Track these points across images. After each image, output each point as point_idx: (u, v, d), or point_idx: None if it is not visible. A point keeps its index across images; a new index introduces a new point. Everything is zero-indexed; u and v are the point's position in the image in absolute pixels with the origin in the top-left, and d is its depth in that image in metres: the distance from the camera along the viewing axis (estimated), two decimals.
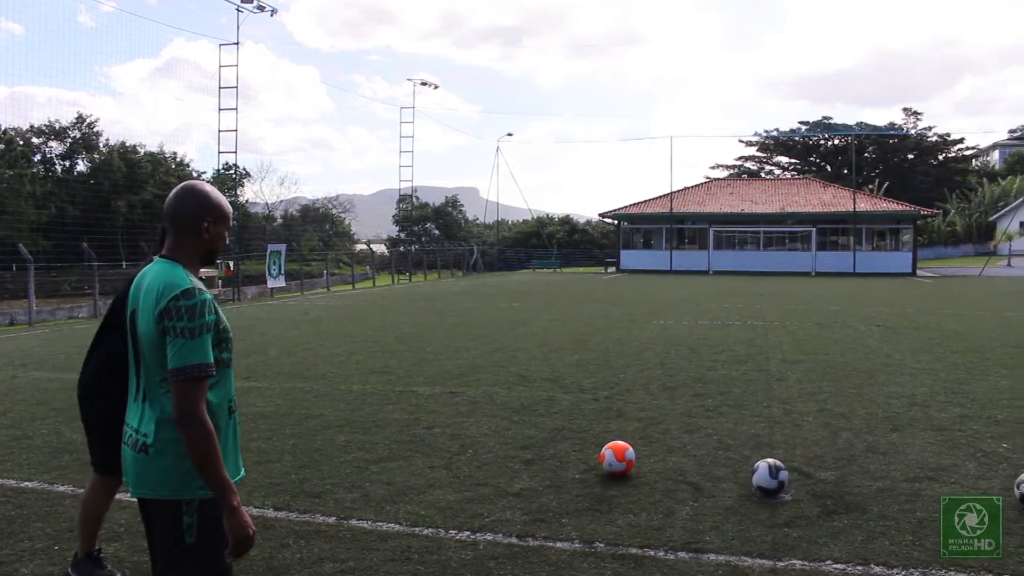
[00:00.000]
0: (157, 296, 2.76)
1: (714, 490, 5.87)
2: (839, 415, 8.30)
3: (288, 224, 67.24)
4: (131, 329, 2.90)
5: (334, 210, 75.35)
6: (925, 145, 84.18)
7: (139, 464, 2.81)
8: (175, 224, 2.91)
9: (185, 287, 2.76)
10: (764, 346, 13.75)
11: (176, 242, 2.91)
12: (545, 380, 10.54)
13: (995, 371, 11.05)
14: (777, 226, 50.53)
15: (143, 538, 4.05)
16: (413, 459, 6.74)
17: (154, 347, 2.78)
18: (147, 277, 2.88)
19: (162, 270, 2.84)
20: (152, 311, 2.77)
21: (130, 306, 2.94)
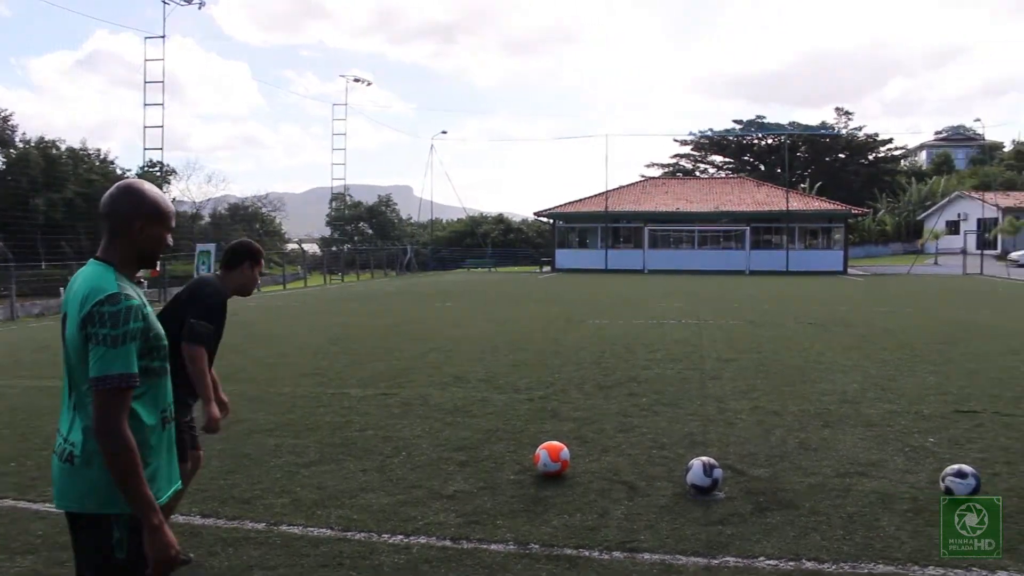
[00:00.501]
0: (82, 301, 2.65)
1: (648, 489, 5.93)
2: (772, 412, 8.45)
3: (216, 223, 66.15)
4: (61, 334, 2.78)
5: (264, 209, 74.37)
6: (855, 145, 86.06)
7: (65, 475, 2.69)
8: (109, 224, 2.80)
9: (110, 292, 2.64)
10: (698, 345, 13.93)
11: (109, 243, 2.79)
12: (479, 381, 10.54)
13: (923, 368, 11.35)
14: (711, 225, 51.18)
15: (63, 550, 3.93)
16: (345, 462, 6.69)
17: (79, 354, 2.66)
18: (78, 280, 2.77)
19: (92, 273, 2.74)
20: (77, 316, 2.66)
21: (62, 309, 2.82)
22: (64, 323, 2.77)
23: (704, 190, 57.74)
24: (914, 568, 4.52)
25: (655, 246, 51.12)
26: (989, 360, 12.03)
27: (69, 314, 2.73)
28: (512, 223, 73.44)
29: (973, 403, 8.85)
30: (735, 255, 49.87)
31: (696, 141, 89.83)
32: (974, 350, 13.15)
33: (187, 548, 4.85)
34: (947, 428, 7.75)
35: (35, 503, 5.74)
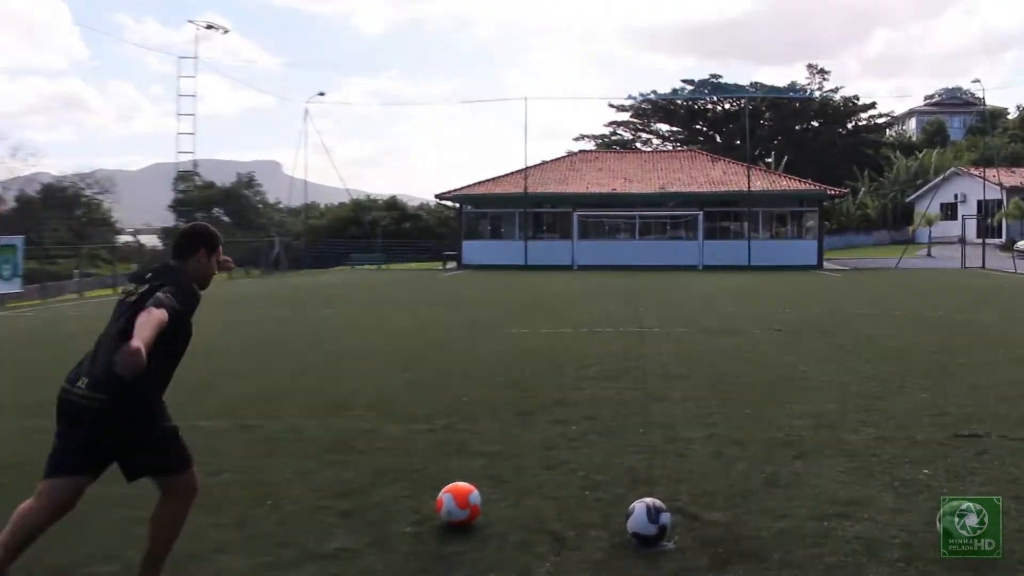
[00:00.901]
0: None
1: (580, 540, 5.94)
2: (732, 442, 8.55)
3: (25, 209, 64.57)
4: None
5: (89, 191, 72.78)
6: (831, 111, 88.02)
7: None
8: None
9: None
10: (641, 358, 14.06)
11: None
12: (367, 407, 10.47)
13: (914, 383, 11.63)
14: (656, 209, 51.77)
15: None
16: (193, 516, 6.53)
17: None
18: None
19: None
20: None
21: None
22: None
23: (647, 166, 58.37)
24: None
25: (586, 236, 51.53)
26: (994, 372, 12.39)
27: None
28: (408, 208, 73.39)
29: (975, 425, 9.08)
30: (685, 247, 50.56)
31: (637, 106, 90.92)
32: (976, 360, 13.53)
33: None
34: (944, 456, 7.93)
35: None
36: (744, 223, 51.39)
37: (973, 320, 19.92)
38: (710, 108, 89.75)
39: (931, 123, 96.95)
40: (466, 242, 53.22)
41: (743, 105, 75.74)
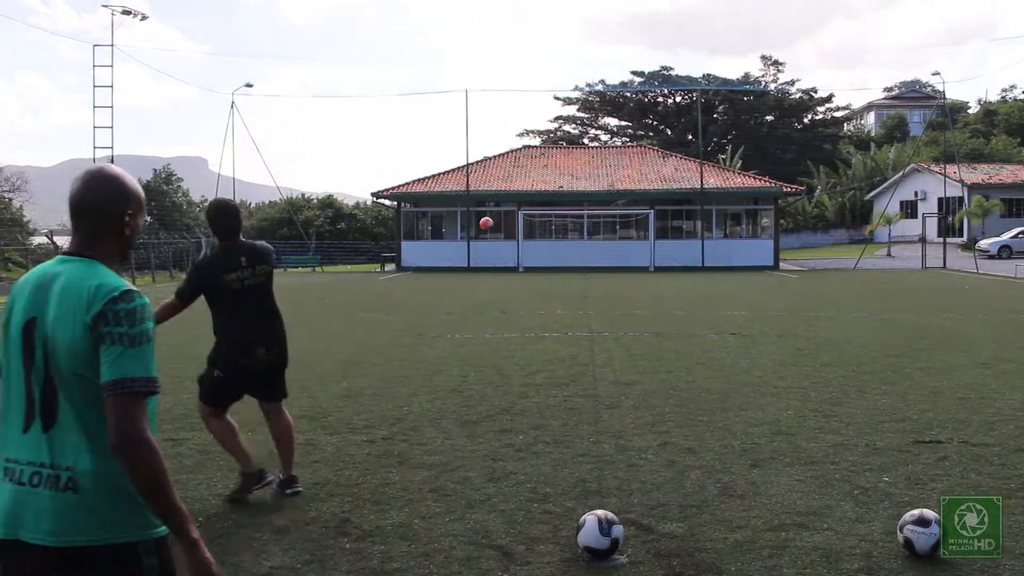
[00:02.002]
0: (88, 299, 2.91)
1: (528, 555, 5.97)
2: (686, 450, 8.62)
3: None
4: (26, 341, 2.99)
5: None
6: (787, 105, 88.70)
7: (66, 506, 2.87)
8: (91, 217, 3.08)
9: (124, 288, 2.96)
10: (590, 364, 14.11)
11: (92, 237, 3.07)
12: (301, 417, 10.39)
13: (873, 387, 11.78)
14: (605, 208, 51.88)
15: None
16: None
17: (80, 360, 2.91)
18: (58, 279, 3.01)
19: (81, 270, 3.00)
20: (79, 316, 2.90)
21: (22, 315, 3.03)
22: (29, 329, 2.99)
23: (595, 163, 58.44)
24: None
25: (532, 236, 51.56)
26: (955, 376, 12.57)
27: (53, 317, 2.95)
28: (344, 207, 73.01)
29: (936, 431, 9.24)
30: (636, 247, 50.68)
31: (584, 99, 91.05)
32: (937, 364, 13.72)
33: None
34: (905, 464, 8.05)
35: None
36: (697, 222, 51.65)
37: (934, 322, 20.18)
38: (661, 101, 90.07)
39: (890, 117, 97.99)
40: (405, 243, 53.03)
41: (695, 98, 76.26)
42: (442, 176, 55.01)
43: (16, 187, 74.00)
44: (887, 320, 20.80)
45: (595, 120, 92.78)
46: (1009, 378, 12.43)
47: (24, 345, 3.01)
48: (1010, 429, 9.32)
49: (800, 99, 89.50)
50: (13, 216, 70.89)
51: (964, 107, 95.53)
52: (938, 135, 78.30)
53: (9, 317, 3.10)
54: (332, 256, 60.91)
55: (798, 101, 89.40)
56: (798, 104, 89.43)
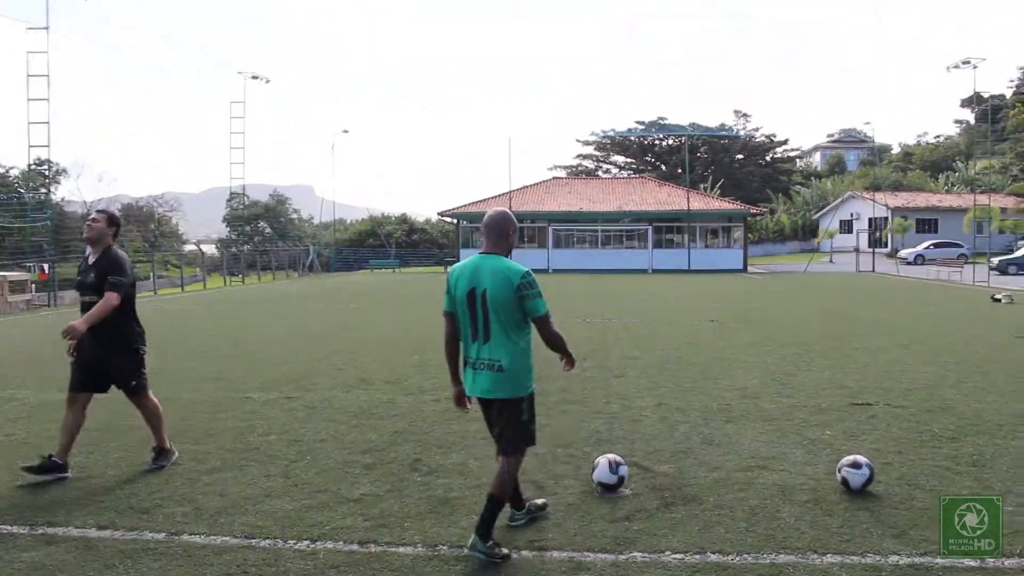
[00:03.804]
0: (511, 276, 4.74)
1: (556, 488, 5.98)
2: (676, 409, 8.61)
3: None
4: (475, 300, 4.80)
5: (160, 209, 72.54)
6: (753, 145, 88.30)
7: (495, 379, 4.82)
8: (495, 232, 4.90)
9: (525, 270, 4.78)
10: (603, 344, 14.10)
11: (492, 243, 4.90)
12: (384, 382, 10.47)
13: (819, 362, 11.71)
14: (614, 225, 51.81)
15: None
16: (248, 468, 6.57)
17: (507, 307, 4.75)
18: (484, 265, 4.82)
19: (499, 261, 4.83)
20: (510, 284, 4.73)
21: (468, 287, 4.82)
22: (477, 294, 4.79)
23: (607, 190, 58.42)
24: (813, 556, 4.66)
25: (559, 245, 51.52)
26: (881, 355, 12.47)
27: (491, 286, 4.75)
28: (416, 223, 73.16)
29: (867, 396, 9.18)
30: (638, 254, 50.59)
31: (599, 142, 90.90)
32: (867, 345, 13.61)
33: (81, 563, 4.71)
34: (843, 420, 8.01)
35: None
36: (685, 235, 51.37)
37: (866, 313, 20.02)
38: (657, 143, 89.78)
39: (832, 156, 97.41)
40: (463, 250, 53.00)
41: (683, 142, 75.89)
42: (491, 200, 55.00)
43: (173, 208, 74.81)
44: (829, 311, 20.65)
45: (607, 157, 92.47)
46: (923, 356, 12.31)
47: (469, 302, 4.82)
48: (923, 395, 9.24)
49: (762, 142, 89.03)
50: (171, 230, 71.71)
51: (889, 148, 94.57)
52: (868, 170, 77.93)
53: (456, 286, 4.89)
54: (407, 261, 61.09)
55: (761, 143, 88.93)
56: (761, 146, 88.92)
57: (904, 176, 78.82)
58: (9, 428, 8.15)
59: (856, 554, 4.68)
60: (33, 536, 5.13)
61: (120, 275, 6.41)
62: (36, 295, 29.87)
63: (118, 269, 6.43)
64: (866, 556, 4.65)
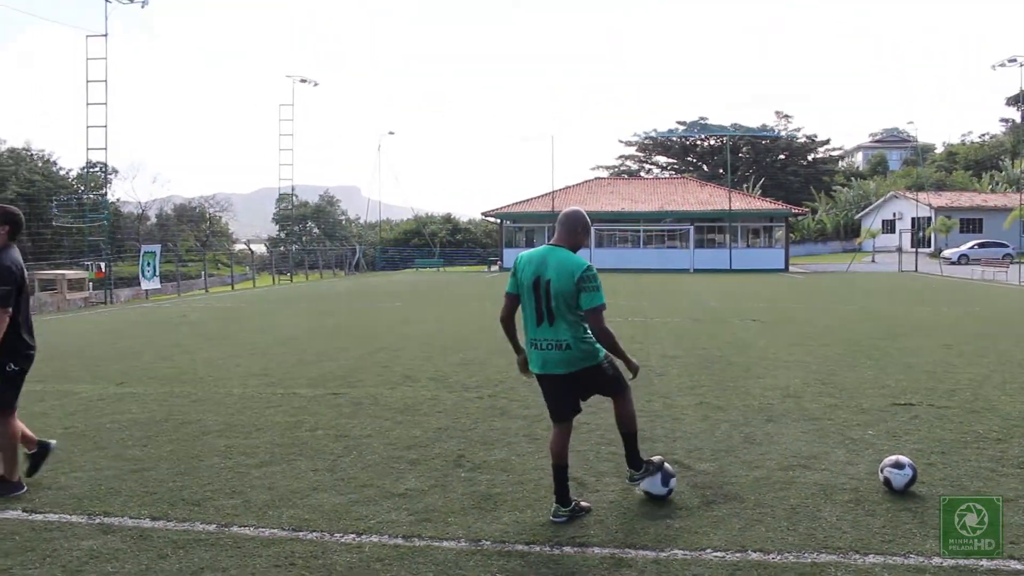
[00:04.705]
0: (574, 268, 5.04)
1: (598, 485, 5.97)
2: (717, 408, 8.54)
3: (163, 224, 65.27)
4: (539, 288, 5.12)
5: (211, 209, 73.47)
6: (795, 146, 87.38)
7: (563, 356, 5.16)
8: (567, 228, 5.26)
9: (587, 264, 5.08)
10: (645, 342, 14.03)
11: (562, 237, 5.24)
12: (429, 379, 10.51)
13: (862, 362, 11.55)
14: (656, 224, 51.60)
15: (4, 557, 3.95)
16: (296, 462, 6.63)
17: (567, 295, 5.04)
18: (550, 257, 5.15)
19: (565, 254, 5.15)
20: (572, 276, 5.02)
21: (532, 275, 5.16)
22: (542, 283, 5.11)
23: (649, 190, 58.22)
24: (855, 556, 4.60)
25: (601, 245, 51.38)
26: (924, 354, 12.29)
27: (554, 277, 5.07)
28: (459, 223, 73.31)
29: (909, 396, 9.04)
30: (679, 254, 50.35)
31: (641, 143, 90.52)
32: (910, 345, 13.42)
33: (135, 552, 4.79)
34: (885, 421, 7.90)
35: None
36: (726, 235, 51.02)
37: (908, 313, 19.74)
38: (699, 144, 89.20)
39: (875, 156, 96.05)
40: (506, 249, 53.10)
41: (725, 142, 75.32)
42: (534, 200, 55.07)
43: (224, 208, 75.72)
44: (872, 311, 20.38)
45: (649, 158, 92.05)
46: (966, 357, 12.11)
47: (535, 289, 5.14)
48: (967, 395, 9.08)
49: (805, 142, 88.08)
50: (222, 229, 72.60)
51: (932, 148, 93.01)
52: (911, 169, 76.74)
53: (522, 274, 5.23)
54: (452, 259, 61.27)
55: (803, 144, 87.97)
56: (803, 146, 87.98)
57: (948, 175, 77.53)
58: (68, 421, 8.30)
59: (899, 555, 4.61)
60: (91, 525, 5.23)
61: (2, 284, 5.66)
62: (93, 293, 30.43)
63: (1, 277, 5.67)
64: (909, 557, 4.58)
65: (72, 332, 18.02)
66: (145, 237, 52.00)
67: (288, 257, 50.82)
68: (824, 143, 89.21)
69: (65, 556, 4.71)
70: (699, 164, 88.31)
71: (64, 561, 4.65)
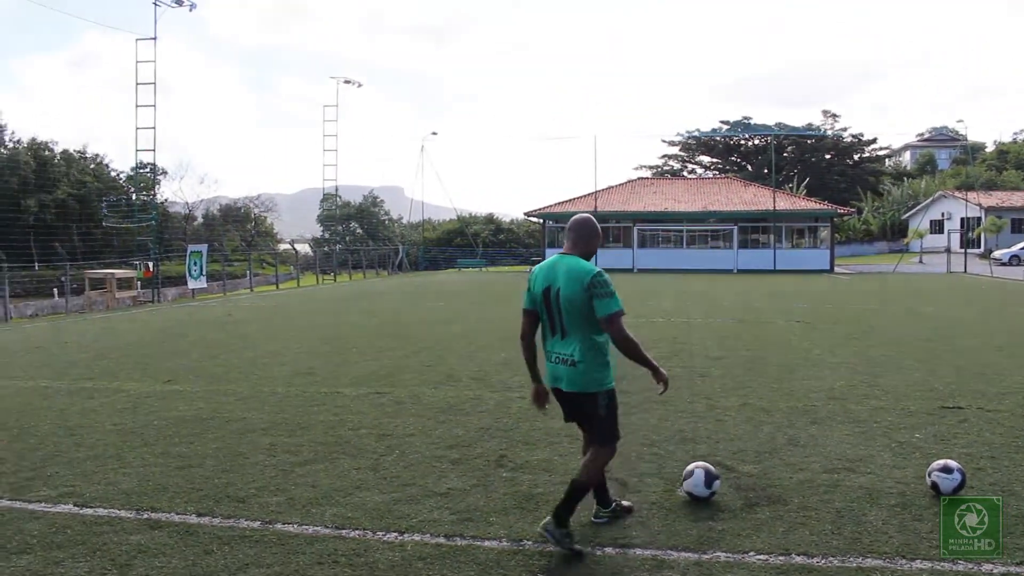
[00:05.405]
0: (583, 275, 4.76)
1: (639, 485, 5.94)
2: (761, 409, 8.47)
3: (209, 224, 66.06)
4: (550, 299, 4.89)
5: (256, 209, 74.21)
6: (841, 146, 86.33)
7: (574, 373, 4.84)
8: (577, 234, 4.99)
9: (597, 270, 4.81)
10: (688, 343, 13.95)
11: (572, 244, 4.97)
12: (471, 379, 10.54)
13: (908, 364, 11.39)
14: (700, 224, 51.24)
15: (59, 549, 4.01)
16: (339, 461, 6.68)
17: (579, 305, 4.76)
18: (560, 265, 4.90)
19: (574, 261, 4.87)
20: (581, 283, 4.74)
21: (543, 283, 4.94)
22: (552, 292, 4.87)
23: (692, 190, 57.82)
24: (902, 562, 4.53)
25: (644, 245, 51.18)
26: (974, 356, 12.08)
27: (563, 285, 4.81)
28: (502, 223, 73.32)
29: (958, 399, 8.89)
30: (723, 254, 49.96)
31: (684, 142, 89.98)
32: (959, 346, 13.21)
33: (182, 547, 4.85)
34: (933, 424, 7.78)
35: (30, 503, 5.72)
36: (770, 235, 50.53)
37: (957, 315, 19.42)
38: (743, 144, 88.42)
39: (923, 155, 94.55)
40: (548, 250, 52.95)
41: (769, 141, 74.64)
42: (577, 200, 54.91)
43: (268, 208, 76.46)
44: (919, 312, 20.08)
45: (692, 157, 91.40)
46: (1018, 359, 11.88)
47: (545, 300, 4.92)
48: (1019, 399, 8.91)
49: (851, 141, 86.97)
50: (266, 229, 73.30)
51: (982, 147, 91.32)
52: (961, 168, 75.45)
53: (535, 283, 5.01)
54: (494, 259, 61.32)
55: (849, 143, 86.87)
56: (849, 145, 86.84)
57: (999, 175, 76.12)
58: (117, 418, 8.44)
59: (947, 560, 4.53)
60: (139, 520, 5.31)
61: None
62: (142, 292, 30.89)
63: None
64: (957, 563, 4.50)
65: (121, 330, 18.31)
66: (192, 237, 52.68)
67: (332, 257, 51.19)
68: (871, 142, 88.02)
69: (114, 550, 4.80)
70: (743, 164, 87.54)
71: (113, 555, 4.73)
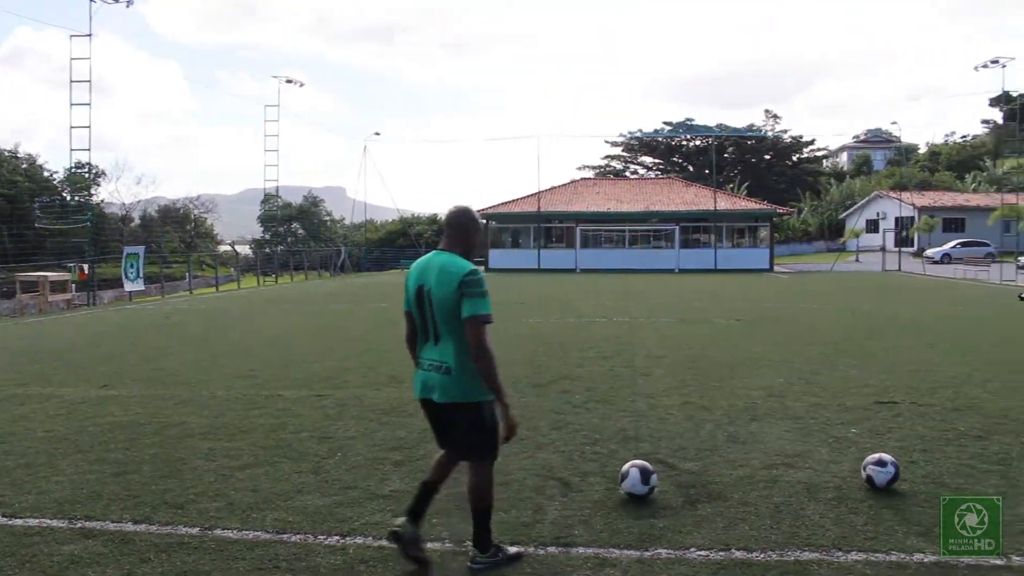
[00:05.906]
0: (455, 274, 4.32)
1: (582, 485, 5.97)
2: (702, 407, 8.57)
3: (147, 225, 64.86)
4: (423, 299, 4.45)
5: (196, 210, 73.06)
6: (781, 147, 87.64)
7: (447, 382, 4.36)
8: (454, 228, 4.53)
9: (473, 268, 4.38)
10: (630, 342, 14.05)
11: (450, 240, 4.51)
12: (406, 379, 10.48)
13: (845, 362, 11.61)
14: (642, 224, 51.62)
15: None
16: (280, 465, 6.61)
17: (450, 307, 4.31)
18: (434, 262, 4.45)
19: (449, 259, 4.42)
20: (453, 283, 4.30)
21: (416, 283, 4.51)
22: (423, 292, 4.44)
23: (634, 190, 58.21)
24: (838, 554, 4.62)
25: (587, 245, 51.41)
26: (907, 353, 12.36)
27: (435, 284, 4.37)
28: None
29: (892, 394, 9.09)
30: (665, 254, 50.37)
31: (626, 143, 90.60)
32: (893, 344, 13.49)
33: (117, 556, 4.76)
34: (868, 419, 7.94)
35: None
36: (711, 235, 51.10)
37: (891, 312, 19.84)
38: (685, 144, 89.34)
39: (859, 156, 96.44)
40: (492, 250, 52.97)
41: (711, 142, 75.51)
42: (520, 200, 54.97)
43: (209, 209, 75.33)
44: (855, 310, 20.47)
45: (635, 158, 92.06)
46: (948, 355, 12.19)
47: (418, 300, 4.49)
48: (948, 393, 9.14)
49: (790, 142, 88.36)
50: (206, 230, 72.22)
51: (916, 148, 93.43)
52: (895, 169, 77.05)
53: (409, 283, 4.55)
54: None
55: (789, 144, 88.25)
56: (789, 146, 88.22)
57: (931, 175, 77.93)
58: (49, 425, 8.25)
59: (881, 552, 4.64)
60: (72, 529, 5.19)
61: None
62: (76, 295, 30.21)
63: None
64: (891, 554, 4.61)
65: (54, 334, 17.91)
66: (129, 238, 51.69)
67: (273, 258, 50.65)
68: (809, 143, 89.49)
69: (45, 561, 4.69)
70: (685, 165, 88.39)
71: (45, 566, 4.62)
